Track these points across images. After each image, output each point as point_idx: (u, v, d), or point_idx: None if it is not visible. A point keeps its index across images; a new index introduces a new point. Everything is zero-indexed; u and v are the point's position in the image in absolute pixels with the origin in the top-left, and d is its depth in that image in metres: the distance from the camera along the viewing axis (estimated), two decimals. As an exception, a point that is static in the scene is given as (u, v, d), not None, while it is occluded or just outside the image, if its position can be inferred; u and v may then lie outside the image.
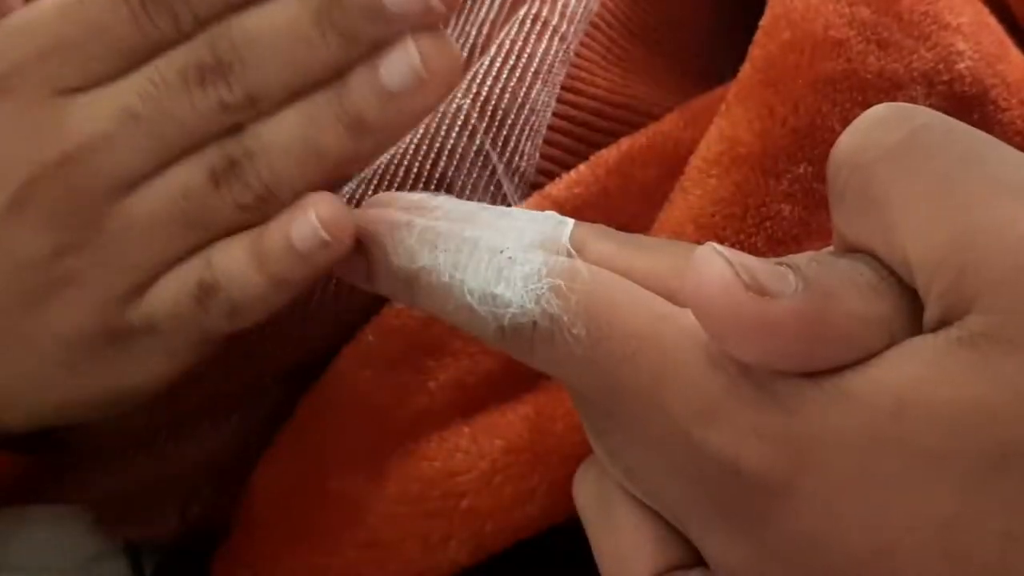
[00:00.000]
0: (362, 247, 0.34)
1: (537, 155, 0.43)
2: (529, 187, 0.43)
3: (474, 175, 0.42)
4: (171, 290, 0.36)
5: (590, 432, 0.33)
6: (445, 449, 0.39)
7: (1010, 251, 0.25)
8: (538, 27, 0.44)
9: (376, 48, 0.34)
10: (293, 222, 0.34)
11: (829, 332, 0.26)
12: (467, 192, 0.42)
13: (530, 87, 0.43)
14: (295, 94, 0.35)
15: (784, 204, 0.38)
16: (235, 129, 0.35)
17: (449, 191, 0.42)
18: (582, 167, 0.42)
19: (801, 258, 0.28)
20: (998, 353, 0.25)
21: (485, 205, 0.34)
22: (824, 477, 0.26)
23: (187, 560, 0.45)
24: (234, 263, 0.35)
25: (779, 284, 0.26)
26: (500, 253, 0.31)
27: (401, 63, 0.34)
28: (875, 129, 0.28)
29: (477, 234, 0.32)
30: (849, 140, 0.28)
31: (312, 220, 0.34)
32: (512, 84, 0.43)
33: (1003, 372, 0.25)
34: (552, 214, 0.33)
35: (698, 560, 0.31)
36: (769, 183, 0.38)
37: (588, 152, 0.42)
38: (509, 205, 0.42)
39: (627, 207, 0.41)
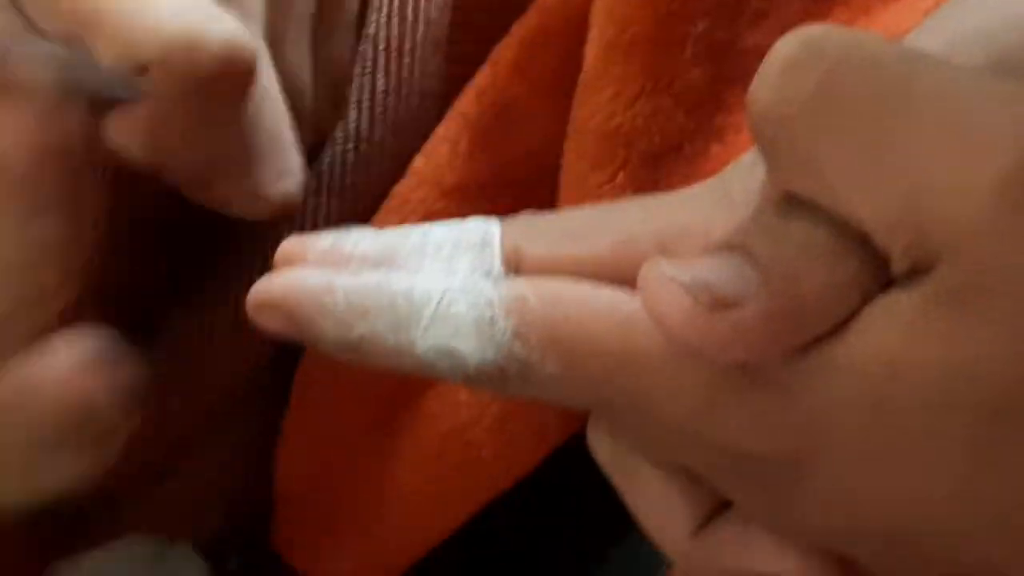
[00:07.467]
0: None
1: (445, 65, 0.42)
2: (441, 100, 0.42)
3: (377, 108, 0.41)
4: None
5: (591, 415, 0.32)
6: (448, 404, 0.40)
7: (964, 201, 0.24)
8: None
9: None
10: None
11: (803, 315, 0.26)
12: (377, 112, 0.41)
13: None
14: None
15: (694, 69, 0.37)
16: None
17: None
18: (485, 69, 0.40)
19: (751, 233, 0.27)
20: (979, 305, 0.25)
21: (405, 230, 0.31)
22: (834, 453, 0.27)
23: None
24: None
25: (738, 288, 0.26)
26: (441, 301, 0.29)
27: None
28: (787, 77, 0.26)
29: (408, 284, 0.29)
30: (763, 95, 0.26)
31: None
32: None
33: (988, 322, 0.25)
34: (476, 222, 0.30)
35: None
36: (673, 53, 0.37)
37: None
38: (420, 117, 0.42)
39: (536, 108, 0.40)
